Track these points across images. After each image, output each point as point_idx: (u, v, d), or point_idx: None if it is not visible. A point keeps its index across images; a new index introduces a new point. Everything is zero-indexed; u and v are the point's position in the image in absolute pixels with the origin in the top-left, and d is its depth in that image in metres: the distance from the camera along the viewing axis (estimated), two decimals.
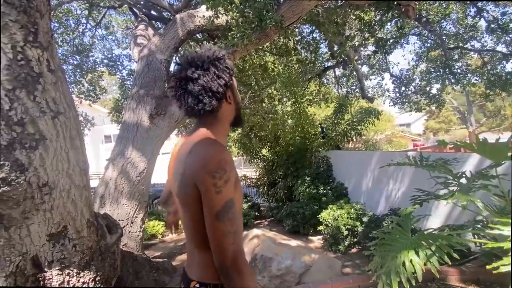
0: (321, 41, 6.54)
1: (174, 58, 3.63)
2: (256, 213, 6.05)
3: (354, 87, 10.06)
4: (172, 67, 3.91)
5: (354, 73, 9.13)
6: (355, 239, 3.98)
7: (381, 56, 9.30)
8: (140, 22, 4.48)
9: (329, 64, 8.42)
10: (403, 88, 10.08)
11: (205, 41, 5.46)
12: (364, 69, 10.95)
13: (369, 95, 9.98)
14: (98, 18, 6.25)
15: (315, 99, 8.35)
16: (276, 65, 6.09)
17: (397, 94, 10.24)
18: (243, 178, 7.46)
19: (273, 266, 3.10)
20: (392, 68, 11.90)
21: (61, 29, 5.72)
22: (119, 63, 6.66)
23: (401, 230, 2.25)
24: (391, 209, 4.05)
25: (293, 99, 6.13)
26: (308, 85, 6.92)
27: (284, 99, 6.81)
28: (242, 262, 0.77)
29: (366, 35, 5.27)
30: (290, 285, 2.99)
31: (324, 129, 6.62)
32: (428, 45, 9.22)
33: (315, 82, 8.37)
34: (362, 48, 7.88)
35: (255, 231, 3.53)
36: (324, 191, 5.18)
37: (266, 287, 3.04)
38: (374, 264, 2.21)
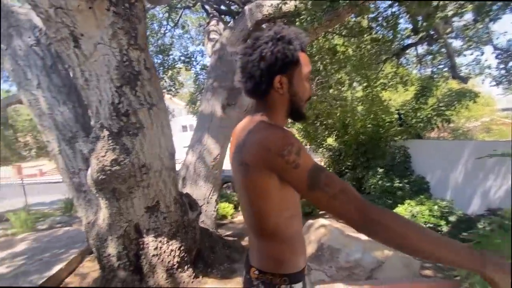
0: (401, 15, 5.74)
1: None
2: None
3: (441, 66, 8.55)
4: None
5: (443, 49, 7.72)
6: None
7: (481, 26, 7.59)
8: (211, 18, 4.78)
9: (410, 41, 7.35)
10: (511, 63, 8.08)
11: None
12: (456, 43, 9.14)
13: (461, 74, 8.35)
14: (176, 19, 6.94)
15: (391, 83, 7.43)
16: (346, 48, 5.65)
17: (502, 71, 8.27)
18: None
19: (341, 258, 3.02)
20: (497, 38, 9.51)
21: (148, 32, 6.60)
22: (193, 59, 7.36)
23: (503, 233, 1.89)
24: (489, 209, 3.40)
25: (365, 84, 5.63)
26: (382, 67, 6.21)
27: (355, 84, 6.29)
28: (374, 212, 0.66)
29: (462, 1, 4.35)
30: (359, 278, 2.87)
31: (402, 116, 5.89)
32: None
33: (392, 63, 7.45)
34: (455, 19, 6.57)
35: (322, 221, 3.48)
36: (400, 185, 4.68)
37: (333, 277, 2.99)
38: (465, 271, 1.92)
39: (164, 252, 2.65)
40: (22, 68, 2.50)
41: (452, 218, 3.46)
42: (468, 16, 7.58)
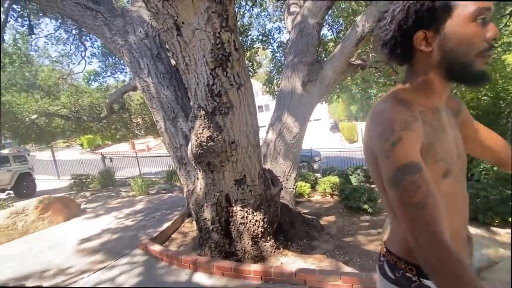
0: None
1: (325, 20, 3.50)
2: None
3: None
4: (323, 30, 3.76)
5: None
6: None
7: None
8: None
9: None
10: None
11: None
12: None
13: None
14: None
15: None
16: None
17: None
18: None
19: None
20: None
21: None
22: (271, 37, 7.27)
23: None
24: None
25: None
26: (507, 23, 4.77)
27: None
28: (433, 246, 0.56)
29: None
30: None
31: None
32: None
33: None
34: None
35: None
36: None
37: None
38: None
39: (250, 221, 2.88)
40: (136, 59, 2.98)
41: None
42: None
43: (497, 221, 3.52)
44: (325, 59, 4.12)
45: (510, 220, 3.34)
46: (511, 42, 4.40)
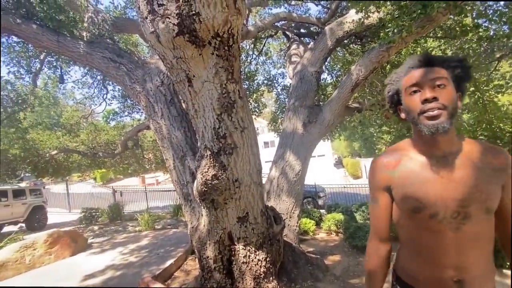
0: None
1: (323, 68, 3.88)
2: None
3: None
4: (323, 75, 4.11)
5: None
6: None
7: None
8: (292, 42, 5.11)
9: None
10: None
11: (351, 45, 5.36)
12: None
13: None
14: (260, 48, 7.69)
15: (511, 83, 5.97)
16: (443, 51, 4.94)
17: None
18: None
19: None
20: None
21: None
22: (275, 81, 7.95)
23: None
24: None
25: (472, 88, 4.72)
26: (497, 67, 5.09)
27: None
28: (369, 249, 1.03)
29: None
30: None
31: None
32: None
33: (509, 60, 6.01)
34: None
35: None
36: None
37: None
38: None
39: (252, 260, 2.88)
40: (152, 103, 3.32)
41: None
42: None
43: (507, 264, 3.38)
44: (324, 102, 4.42)
45: None
46: (502, 85, 4.63)
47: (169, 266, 3.90)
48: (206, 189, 2.58)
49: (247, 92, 7.62)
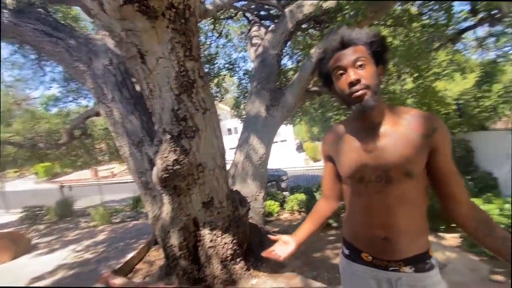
0: None
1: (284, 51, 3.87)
2: None
3: (507, 48, 7.44)
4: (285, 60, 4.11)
5: (509, 29, 6.73)
6: None
7: None
8: (252, 24, 4.99)
9: (468, 24, 6.57)
10: None
11: (311, 29, 5.45)
12: None
13: None
14: (220, 30, 7.38)
15: (446, 71, 6.76)
16: (394, 38, 5.33)
17: None
18: None
19: None
20: None
21: None
22: (236, 65, 7.76)
23: None
24: None
25: (416, 74, 5.22)
26: (436, 55, 5.68)
27: (404, 75, 5.87)
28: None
29: None
30: None
31: (461, 106, 5.33)
32: None
33: (446, 50, 6.76)
34: None
35: None
36: None
37: None
38: None
39: (219, 244, 2.87)
40: (99, 85, 2.98)
41: None
42: None
43: (443, 227, 3.90)
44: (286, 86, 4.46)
45: (454, 224, 3.72)
46: (440, 72, 5.18)
47: (130, 259, 3.70)
48: (167, 175, 2.45)
49: (208, 76, 7.35)
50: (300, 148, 28.66)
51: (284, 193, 7.43)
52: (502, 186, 4.31)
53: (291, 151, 25.78)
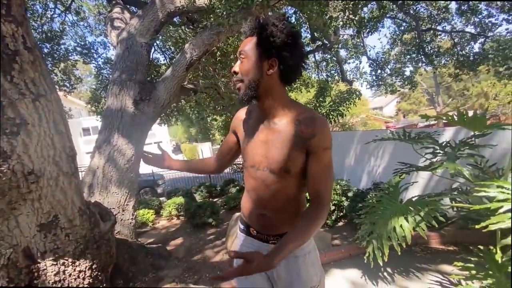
0: (302, 24, 6.52)
1: (155, 41, 3.48)
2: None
3: (333, 71, 10.23)
4: (153, 51, 3.71)
5: (334, 57, 9.28)
6: (342, 213, 4.17)
7: (358, 40, 9.50)
8: (114, 5, 4.21)
9: (309, 48, 8.49)
10: (379, 71, 10.43)
11: (183, 27, 5.27)
12: (342, 53, 11.13)
13: (348, 78, 10.25)
14: (67, 3, 5.79)
15: (296, 85, 8.45)
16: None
17: (374, 77, 10.59)
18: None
19: None
20: (369, 51, 12.11)
21: (28, 14, 5.20)
22: (94, 51, 6.24)
23: (389, 198, 2.40)
24: (374, 183, 4.28)
25: None
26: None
27: None
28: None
29: (349, 15, 5.31)
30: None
31: None
32: (403, 28, 9.53)
33: None
34: (341, 32, 7.97)
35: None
36: None
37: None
38: (363, 232, 2.35)
39: (70, 275, 2.18)
40: None
41: (350, 194, 4.16)
42: (350, 32, 9.36)
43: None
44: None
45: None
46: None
47: None
48: None
49: (49, 58, 5.57)
50: (177, 149, 27.61)
51: (161, 198, 6.87)
52: (334, 173, 5.74)
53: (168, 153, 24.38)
